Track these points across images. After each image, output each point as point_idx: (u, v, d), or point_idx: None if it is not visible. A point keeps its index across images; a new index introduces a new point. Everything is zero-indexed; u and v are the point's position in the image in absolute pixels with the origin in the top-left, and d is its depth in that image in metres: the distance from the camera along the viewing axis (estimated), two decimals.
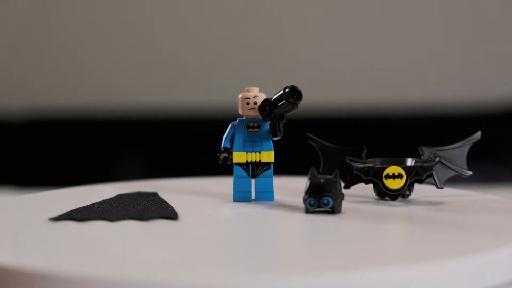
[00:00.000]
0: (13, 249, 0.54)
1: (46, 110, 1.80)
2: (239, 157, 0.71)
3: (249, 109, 0.70)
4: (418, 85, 1.76)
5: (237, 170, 0.71)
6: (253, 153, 0.70)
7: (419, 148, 0.71)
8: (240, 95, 0.70)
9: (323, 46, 1.80)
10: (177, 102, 1.79)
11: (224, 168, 0.76)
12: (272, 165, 0.71)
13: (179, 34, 1.82)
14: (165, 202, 0.70)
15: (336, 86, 1.78)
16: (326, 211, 0.64)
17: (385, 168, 0.69)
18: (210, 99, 1.78)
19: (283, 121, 0.69)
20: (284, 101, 0.67)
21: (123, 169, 1.81)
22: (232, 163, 0.71)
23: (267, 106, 0.68)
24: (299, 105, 0.68)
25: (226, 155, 0.71)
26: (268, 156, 0.70)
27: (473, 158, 0.74)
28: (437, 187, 0.70)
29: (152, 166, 1.82)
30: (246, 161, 0.71)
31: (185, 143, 1.79)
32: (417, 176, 0.68)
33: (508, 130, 1.71)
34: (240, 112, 0.71)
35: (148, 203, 0.69)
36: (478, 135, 0.72)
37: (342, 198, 0.64)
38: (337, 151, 0.73)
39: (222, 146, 0.71)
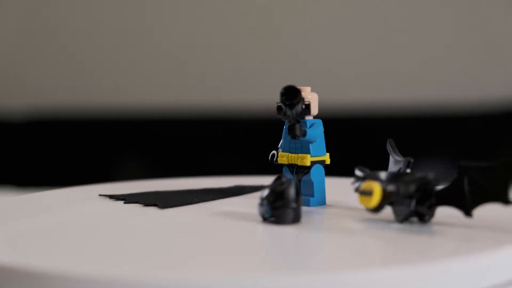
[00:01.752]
0: (13, 247, 0.54)
1: (46, 110, 1.80)
2: (281, 157, 0.68)
3: None
4: (418, 85, 1.76)
5: (285, 171, 0.68)
6: (294, 155, 0.67)
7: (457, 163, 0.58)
8: None
9: (328, 47, 1.80)
10: (177, 102, 1.79)
11: (226, 169, 0.75)
12: (319, 168, 0.66)
13: (179, 34, 1.82)
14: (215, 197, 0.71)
15: (336, 86, 1.78)
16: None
17: (363, 181, 0.58)
18: (210, 99, 1.78)
19: (294, 122, 0.65)
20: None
21: (123, 169, 1.81)
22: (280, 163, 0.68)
23: (277, 108, 0.65)
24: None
25: (275, 154, 0.68)
26: (302, 159, 0.66)
27: (472, 158, 0.66)
28: (464, 214, 0.57)
29: (152, 166, 1.82)
30: (289, 162, 0.67)
31: (185, 143, 1.79)
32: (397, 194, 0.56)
33: (508, 130, 1.71)
34: None
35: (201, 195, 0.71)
36: None
37: (294, 208, 0.58)
38: (394, 160, 0.64)
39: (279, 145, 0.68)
